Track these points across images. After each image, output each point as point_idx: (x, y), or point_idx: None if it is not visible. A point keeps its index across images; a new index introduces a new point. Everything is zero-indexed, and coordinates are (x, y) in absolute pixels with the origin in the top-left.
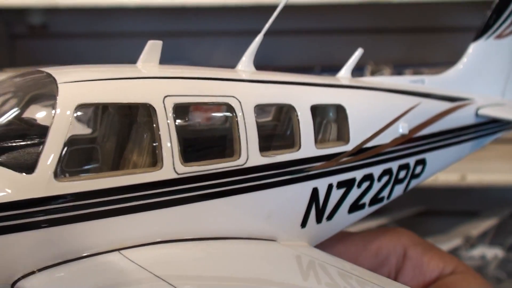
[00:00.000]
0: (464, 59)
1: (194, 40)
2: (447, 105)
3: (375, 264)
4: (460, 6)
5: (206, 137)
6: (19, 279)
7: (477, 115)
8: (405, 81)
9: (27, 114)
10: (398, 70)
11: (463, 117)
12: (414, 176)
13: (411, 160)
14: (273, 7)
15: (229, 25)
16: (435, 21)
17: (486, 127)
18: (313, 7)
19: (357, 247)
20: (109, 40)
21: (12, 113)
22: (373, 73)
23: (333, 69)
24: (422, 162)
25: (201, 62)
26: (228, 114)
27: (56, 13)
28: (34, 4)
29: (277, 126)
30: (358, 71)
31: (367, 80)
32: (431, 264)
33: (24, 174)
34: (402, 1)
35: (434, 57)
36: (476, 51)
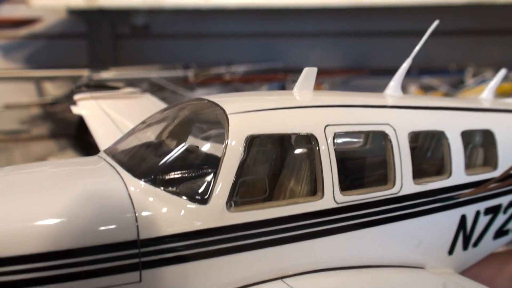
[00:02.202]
0: None
1: (290, 41)
2: None
3: None
4: None
5: (360, 164)
6: None
7: None
8: None
9: (195, 143)
10: None
11: None
12: None
13: None
14: (366, 9)
15: (324, 26)
16: None
17: None
18: (412, 8)
19: (492, 270)
20: (207, 40)
21: (182, 143)
22: (474, 76)
23: (431, 72)
24: None
25: (296, 63)
26: (382, 141)
27: (158, 14)
28: (139, 5)
29: (419, 150)
30: (458, 74)
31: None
32: None
33: (198, 204)
34: (507, 2)
35: None
36: None
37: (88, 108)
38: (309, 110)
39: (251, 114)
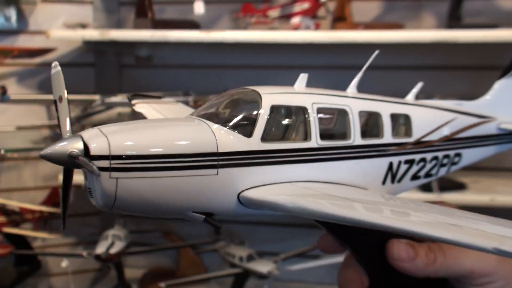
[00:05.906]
0: (492, 92)
1: (280, 72)
2: (476, 119)
3: None
4: None
5: (333, 127)
6: (241, 192)
7: (499, 128)
8: (450, 103)
9: (242, 110)
10: None
11: (487, 128)
12: (454, 163)
13: (451, 153)
14: (350, 45)
15: (311, 60)
16: (498, 60)
17: (506, 137)
18: (390, 45)
19: None
20: (205, 70)
21: (235, 110)
22: None
23: None
24: (459, 155)
25: None
26: (345, 116)
27: (161, 46)
28: (148, 38)
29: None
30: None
31: (426, 101)
32: None
33: (246, 137)
34: (467, 41)
35: None
36: (501, 86)
37: (144, 108)
38: (305, 94)
39: (273, 95)
